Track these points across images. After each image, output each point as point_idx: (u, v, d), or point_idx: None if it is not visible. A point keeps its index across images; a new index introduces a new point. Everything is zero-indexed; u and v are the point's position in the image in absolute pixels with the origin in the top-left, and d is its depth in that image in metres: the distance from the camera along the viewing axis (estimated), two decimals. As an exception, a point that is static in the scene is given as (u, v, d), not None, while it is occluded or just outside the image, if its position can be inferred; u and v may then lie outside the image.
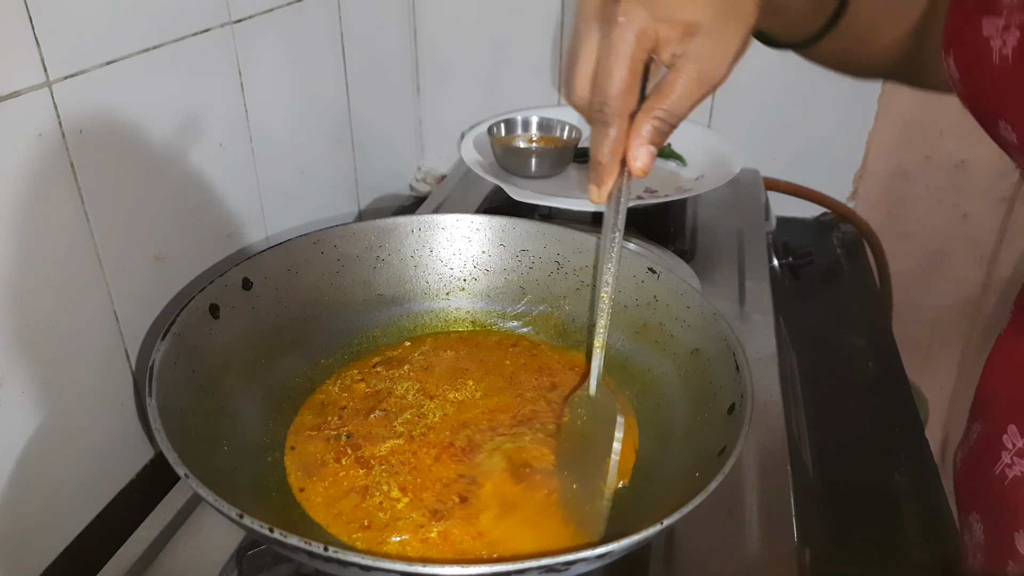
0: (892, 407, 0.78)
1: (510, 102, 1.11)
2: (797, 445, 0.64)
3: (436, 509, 0.47)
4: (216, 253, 0.73)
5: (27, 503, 0.56)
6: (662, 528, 0.38)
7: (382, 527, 0.46)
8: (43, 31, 0.51)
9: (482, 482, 0.49)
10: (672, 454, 0.51)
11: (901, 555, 0.61)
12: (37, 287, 0.54)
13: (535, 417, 0.55)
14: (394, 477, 0.50)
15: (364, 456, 0.51)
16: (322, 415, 0.55)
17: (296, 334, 0.58)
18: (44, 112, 0.53)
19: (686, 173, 0.91)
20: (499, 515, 0.47)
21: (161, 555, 0.50)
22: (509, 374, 0.59)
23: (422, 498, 0.48)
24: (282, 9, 0.78)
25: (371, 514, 0.47)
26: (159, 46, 0.62)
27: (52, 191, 0.55)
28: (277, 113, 0.80)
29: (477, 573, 0.35)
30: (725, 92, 1.04)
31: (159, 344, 0.47)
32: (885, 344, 0.88)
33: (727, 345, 0.51)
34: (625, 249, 0.61)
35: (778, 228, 1.02)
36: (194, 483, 0.39)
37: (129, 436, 0.65)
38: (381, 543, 0.45)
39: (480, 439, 0.53)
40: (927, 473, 0.70)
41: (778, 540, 0.51)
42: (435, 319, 0.65)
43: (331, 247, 0.61)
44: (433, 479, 0.50)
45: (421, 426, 0.54)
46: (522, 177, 0.89)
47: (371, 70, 0.99)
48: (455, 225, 0.64)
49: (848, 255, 1.06)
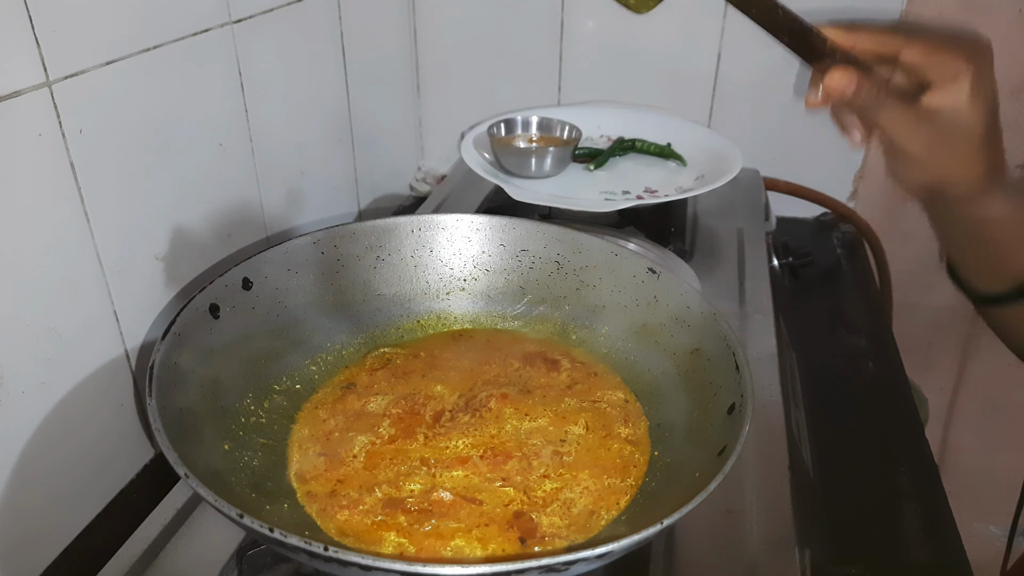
0: (892, 407, 0.78)
1: (510, 102, 1.11)
2: (797, 445, 0.63)
3: (436, 510, 0.47)
4: (216, 253, 0.73)
5: (27, 503, 0.56)
6: (662, 528, 0.38)
7: (382, 527, 0.46)
8: (43, 31, 0.51)
9: (483, 486, 0.49)
10: (672, 454, 0.51)
11: (901, 555, 0.61)
12: (37, 287, 0.54)
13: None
14: (394, 477, 0.50)
15: (367, 455, 0.51)
16: (322, 415, 0.55)
17: (296, 334, 0.58)
18: (44, 112, 0.53)
19: (686, 173, 0.91)
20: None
21: (161, 555, 0.50)
22: (510, 374, 0.59)
23: (423, 498, 0.48)
24: (282, 9, 0.78)
25: (372, 513, 0.47)
26: (159, 46, 0.62)
27: (52, 191, 0.55)
28: (277, 113, 0.80)
29: (477, 573, 0.35)
30: (725, 92, 1.05)
31: (159, 344, 0.47)
32: (885, 344, 0.88)
33: (727, 345, 0.51)
34: (625, 249, 0.62)
35: (778, 228, 1.02)
36: (194, 483, 0.39)
37: (129, 436, 0.65)
38: (381, 543, 0.45)
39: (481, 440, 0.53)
40: (927, 473, 0.70)
41: (778, 540, 0.51)
42: (435, 319, 0.65)
43: (331, 247, 0.61)
44: (433, 479, 0.50)
45: (421, 426, 0.54)
46: (522, 177, 0.89)
47: (371, 70, 0.99)
48: (455, 225, 0.64)
49: (848, 255, 1.06)
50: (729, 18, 1.00)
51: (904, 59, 0.48)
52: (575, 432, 0.54)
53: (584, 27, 1.05)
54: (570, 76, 1.09)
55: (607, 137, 0.99)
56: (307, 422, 0.55)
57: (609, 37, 1.05)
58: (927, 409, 1.00)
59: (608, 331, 0.61)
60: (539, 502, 0.48)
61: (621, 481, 0.50)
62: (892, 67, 0.49)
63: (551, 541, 0.46)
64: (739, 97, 1.05)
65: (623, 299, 0.60)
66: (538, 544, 0.46)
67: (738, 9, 0.48)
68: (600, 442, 0.53)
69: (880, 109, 0.48)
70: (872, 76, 0.48)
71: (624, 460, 0.52)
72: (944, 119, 0.47)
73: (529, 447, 0.52)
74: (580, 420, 0.54)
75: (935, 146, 0.48)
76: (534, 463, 0.51)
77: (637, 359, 0.58)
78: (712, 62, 1.04)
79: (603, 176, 0.91)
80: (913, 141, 0.48)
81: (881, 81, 0.48)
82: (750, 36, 0.99)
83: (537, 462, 0.51)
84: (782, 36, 0.49)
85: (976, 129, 0.48)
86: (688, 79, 1.05)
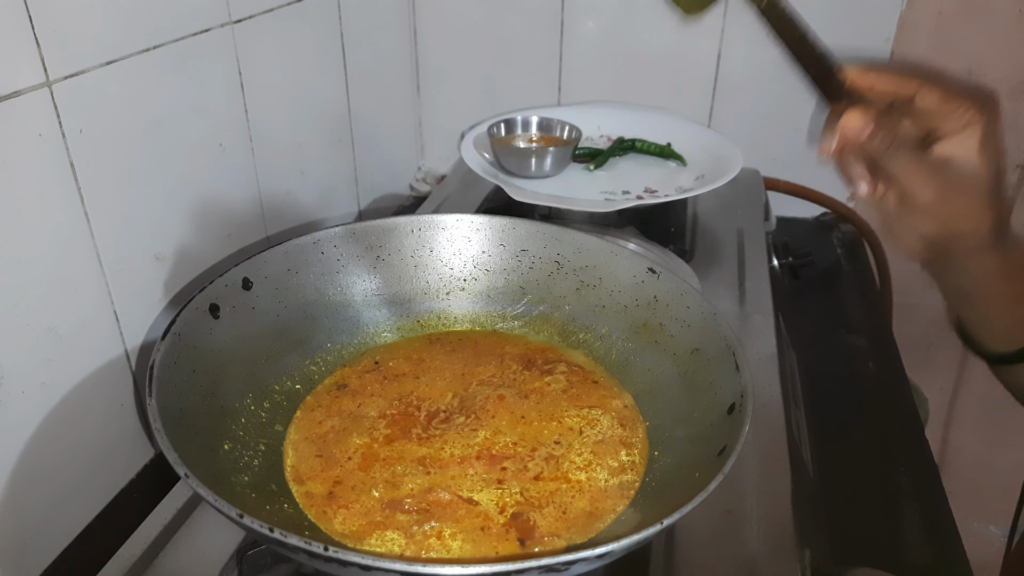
0: (892, 407, 0.78)
1: (510, 102, 1.11)
2: (797, 445, 0.63)
3: (435, 510, 0.47)
4: (216, 253, 0.73)
5: (27, 503, 0.56)
6: (662, 528, 0.38)
7: (380, 527, 0.46)
8: (43, 31, 0.51)
9: (481, 487, 0.49)
10: (672, 454, 0.51)
11: (901, 555, 0.61)
12: (37, 287, 0.54)
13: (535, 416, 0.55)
14: (392, 478, 0.50)
15: (364, 456, 0.51)
16: (322, 415, 0.55)
17: (296, 334, 0.58)
18: (44, 112, 0.53)
19: (686, 173, 0.91)
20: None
21: (161, 555, 0.50)
22: (508, 375, 0.59)
23: (421, 499, 0.48)
24: (282, 9, 0.78)
25: (371, 514, 0.47)
26: (159, 46, 0.62)
27: (52, 191, 0.55)
28: (277, 113, 0.80)
29: (477, 573, 0.35)
30: (725, 92, 1.05)
31: (159, 344, 0.47)
32: (885, 344, 0.88)
33: (727, 345, 0.51)
34: (625, 249, 0.62)
35: (778, 228, 1.02)
36: (194, 483, 0.39)
37: (129, 436, 0.65)
38: (380, 543, 0.45)
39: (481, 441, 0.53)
40: (927, 473, 0.70)
41: (778, 540, 0.51)
42: (435, 319, 0.65)
43: (331, 247, 0.61)
44: (431, 480, 0.50)
45: (421, 427, 0.54)
46: (522, 177, 0.89)
47: (371, 70, 0.99)
48: (455, 225, 0.64)
49: (848, 255, 1.06)
50: (729, 18, 1.00)
51: (919, 103, 0.48)
52: (573, 432, 0.54)
53: (584, 27, 1.05)
54: (570, 76, 1.09)
55: (607, 137, 0.99)
56: (306, 422, 0.55)
57: (609, 37, 1.05)
58: (927, 409, 0.99)
59: (608, 331, 0.61)
60: (537, 503, 0.48)
61: (620, 481, 0.50)
62: (904, 112, 0.49)
63: (550, 541, 0.46)
64: (739, 97, 1.05)
65: (623, 299, 0.60)
66: (537, 544, 0.46)
67: (771, 32, 0.49)
68: (599, 442, 0.53)
69: (892, 156, 0.48)
70: (886, 120, 0.48)
71: (623, 460, 0.52)
72: (955, 168, 0.48)
73: (527, 447, 0.52)
74: (578, 420, 0.54)
75: (945, 196, 0.48)
76: (532, 464, 0.51)
77: (637, 359, 0.58)
78: (712, 62, 1.04)
79: (603, 176, 0.91)
80: (923, 190, 0.48)
81: (894, 126, 0.48)
82: (750, 36, 1.00)
83: (534, 463, 0.51)
84: (809, 68, 0.49)
85: (985, 180, 0.48)
86: (688, 79, 1.06)
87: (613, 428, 0.54)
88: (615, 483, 0.50)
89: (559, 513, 0.48)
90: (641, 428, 0.54)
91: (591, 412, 0.55)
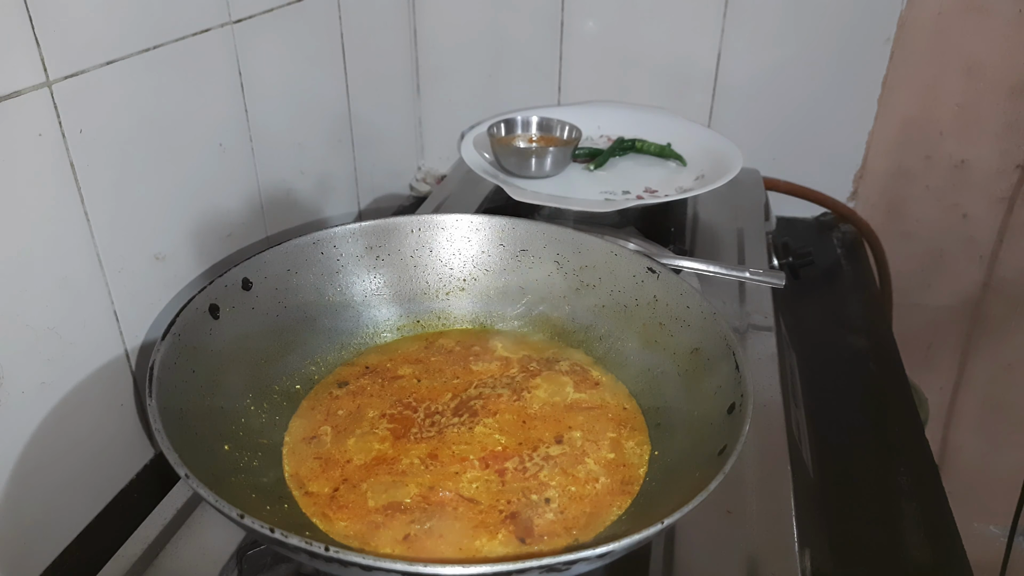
0: (892, 407, 0.78)
1: (510, 102, 1.11)
2: (797, 445, 0.63)
3: (435, 510, 0.47)
4: (216, 253, 0.73)
5: (27, 503, 0.56)
6: (662, 528, 0.38)
7: (381, 527, 0.46)
8: (43, 31, 0.51)
9: (481, 487, 0.49)
10: (672, 454, 0.51)
11: (901, 555, 0.61)
12: (37, 287, 0.54)
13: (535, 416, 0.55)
14: (392, 477, 0.50)
15: (364, 456, 0.51)
16: (322, 415, 0.55)
17: (296, 334, 0.58)
18: (44, 112, 0.53)
19: (686, 173, 0.91)
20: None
21: (161, 555, 0.50)
22: (510, 375, 0.59)
23: (421, 498, 0.48)
24: (282, 9, 0.78)
25: (371, 514, 0.47)
26: (159, 46, 0.62)
27: (52, 191, 0.55)
28: (277, 113, 0.80)
29: (477, 573, 0.35)
30: (725, 92, 1.05)
31: (159, 344, 0.47)
32: (885, 344, 0.88)
33: (727, 345, 0.51)
34: (625, 249, 0.62)
35: (778, 228, 1.02)
36: (194, 483, 0.39)
37: (129, 436, 0.65)
38: (380, 543, 0.45)
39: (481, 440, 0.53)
40: (927, 473, 0.70)
41: (778, 540, 0.51)
42: (435, 319, 0.65)
43: (331, 247, 0.61)
44: (434, 479, 0.50)
45: (421, 426, 0.54)
46: (522, 177, 0.89)
47: (371, 70, 0.99)
48: (455, 225, 0.64)
49: (848, 255, 1.06)
50: (729, 18, 1.00)
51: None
52: (573, 432, 0.54)
53: (584, 27, 1.05)
54: (570, 76, 1.09)
55: (607, 137, 0.99)
56: (306, 423, 0.55)
57: (609, 37, 1.05)
58: (927, 409, 1.00)
59: (608, 331, 0.61)
60: (537, 502, 0.48)
61: (620, 481, 0.50)
62: None
63: (551, 541, 0.46)
64: (739, 97, 1.05)
65: (623, 299, 0.60)
66: (538, 544, 0.46)
67: None
68: (599, 443, 0.53)
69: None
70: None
71: (623, 460, 0.52)
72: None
73: (527, 447, 0.52)
74: (578, 421, 0.54)
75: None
76: (532, 463, 0.51)
77: (636, 359, 0.58)
78: (712, 62, 1.04)
79: (603, 176, 0.91)
80: None
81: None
82: (750, 36, 1.00)
83: (534, 463, 0.51)
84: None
85: None
86: (688, 79, 1.06)
87: (613, 428, 0.54)
88: (615, 483, 0.50)
89: (559, 513, 0.48)
90: (641, 428, 0.55)
91: (591, 412, 0.55)
